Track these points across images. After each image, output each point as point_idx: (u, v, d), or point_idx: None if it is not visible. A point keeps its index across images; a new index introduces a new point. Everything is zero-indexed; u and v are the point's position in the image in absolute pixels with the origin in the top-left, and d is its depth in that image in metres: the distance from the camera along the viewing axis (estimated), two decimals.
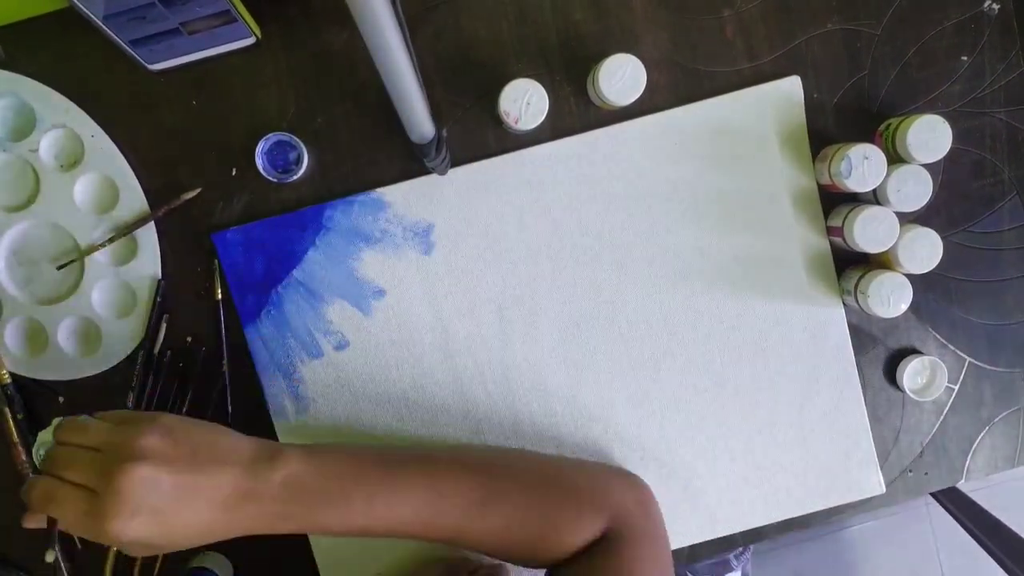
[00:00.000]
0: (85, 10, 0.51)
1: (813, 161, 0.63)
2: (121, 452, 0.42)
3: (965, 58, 0.63)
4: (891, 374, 0.65)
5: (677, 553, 0.66)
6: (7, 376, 0.62)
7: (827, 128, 0.63)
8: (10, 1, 0.58)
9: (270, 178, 0.60)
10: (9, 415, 0.62)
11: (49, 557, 0.43)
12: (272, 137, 0.60)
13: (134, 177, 0.61)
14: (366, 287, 0.63)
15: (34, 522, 0.44)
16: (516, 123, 0.59)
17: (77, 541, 0.64)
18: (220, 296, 0.62)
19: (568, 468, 0.55)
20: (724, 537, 0.66)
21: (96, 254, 0.61)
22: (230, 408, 0.63)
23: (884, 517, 1.54)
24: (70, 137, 0.61)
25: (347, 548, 0.65)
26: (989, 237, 0.64)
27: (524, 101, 0.58)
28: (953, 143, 0.57)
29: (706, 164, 0.62)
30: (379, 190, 0.62)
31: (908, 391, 0.64)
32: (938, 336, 0.65)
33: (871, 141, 0.60)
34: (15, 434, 0.62)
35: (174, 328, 0.63)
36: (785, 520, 0.66)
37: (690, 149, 0.62)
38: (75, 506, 0.41)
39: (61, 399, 0.64)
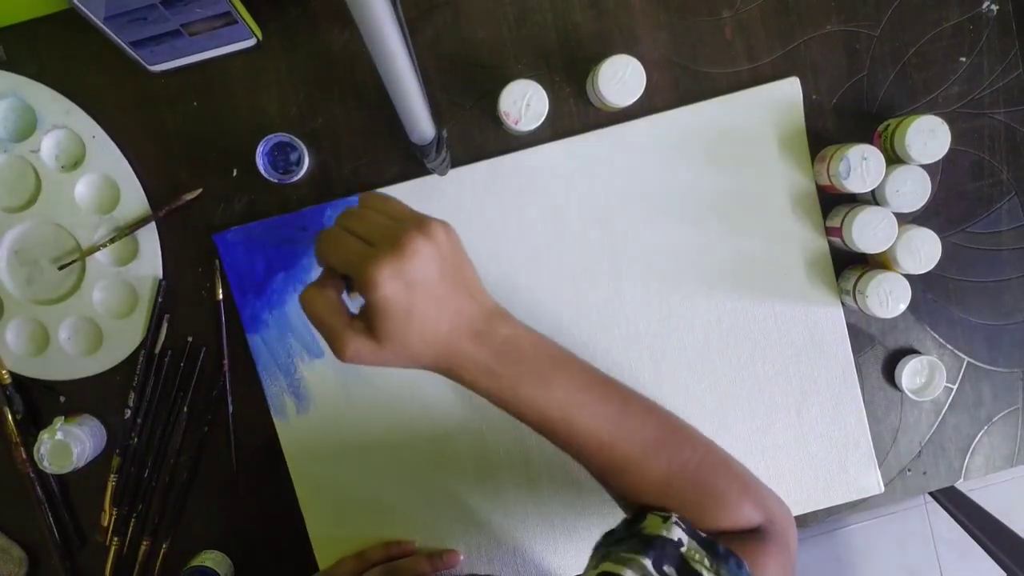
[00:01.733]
0: (86, 11, 0.51)
1: (812, 162, 0.63)
2: (415, 222, 0.43)
3: (964, 59, 0.63)
4: (890, 374, 0.65)
5: None
6: (7, 376, 0.62)
7: (826, 129, 0.63)
8: (11, 2, 0.58)
9: (271, 179, 0.60)
10: (9, 415, 0.62)
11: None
12: (273, 138, 0.60)
13: (135, 178, 0.61)
14: None
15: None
16: (516, 124, 0.59)
17: (64, 533, 0.65)
18: (221, 296, 0.62)
19: (734, 462, 0.54)
20: None
21: (97, 254, 0.61)
22: (230, 408, 0.64)
23: (883, 516, 1.54)
24: (71, 138, 0.61)
25: (347, 550, 0.65)
26: (988, 237, 0.65)
27: (524, 102, 0.58)
28: (952, 144, 0.57)
29: (705, 165, 0.63)
30: (379, 190, 0.62)
31: (907, 391, 0.64)
32: (937, 336, 0.65)
33: (870, 142, 0.60)
34: (15, 433, 0.62)
35: (175, 328, 0.63)
36: None
37: (689, 150, 0.62)
38: (355, 249, 0.42)
39: (62, 399, 0.64)
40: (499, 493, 0.65)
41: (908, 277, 0.59)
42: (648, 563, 0.42)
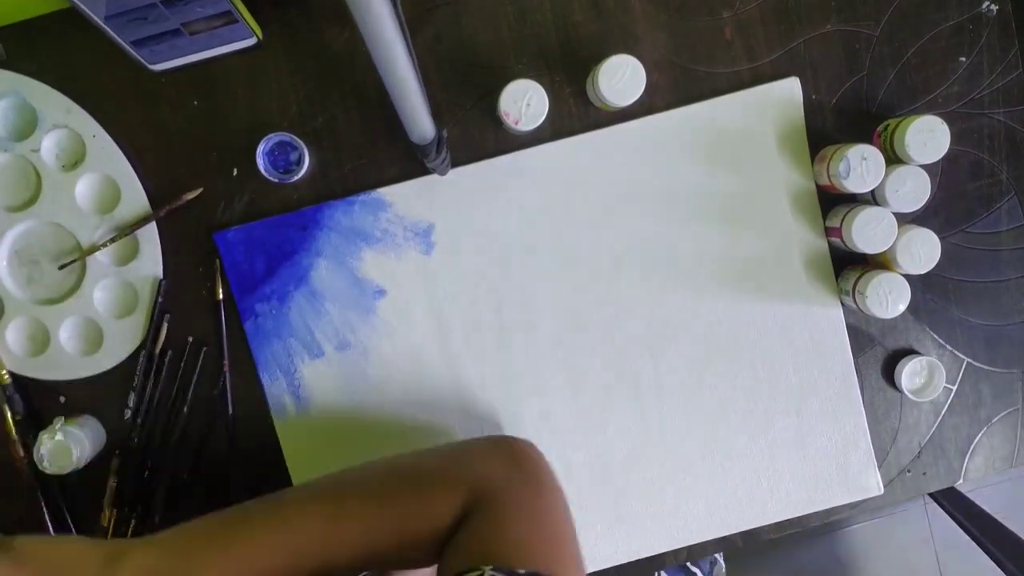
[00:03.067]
0: (86, 10, 0.51)
1: (812, 162, 0.63)
2: None
3: (963, 59, 0.63)
4: (889, 374, 0.65)
5: (676, 553, 0.66)
6: (7, 376, 0.62)
7: (826, 129, 0.63)
8: (11, 1, 0.58)
9: (271, 178, 0.60)
10: (8, 415, 0.62)
11: None
12: (273, 137, 0.60)
13: (135, 177, 0.61)
14: (367, 287, 0.63)
15: None
16: (516, 124, 0.59)
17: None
18: (221, 296, 0.62)
19: (428, 456, 0.54)
20: (722, 537, 0.66)
21: (97, 254, 0.61)
22: (231, 408, 0.64)
23: (882, 517, 1.54)
24: (71, 137, 0.61)
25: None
26: (987, 238, 0.65)
27: (524, 102, 0.58)
28: (951, 144, 0.57)
29: (705, 165, 0.63)
30: (379, 190, 0.62)
31: (906, 391, 0.64)
32: (936, 336, 0.65)
33: (870, 142, 0.60)
34: (13, 433, 0.62)
35: (175, 328, 0.63)
36: (783, 520, 0.66)
37: (689, 150, 0.63)
38: None
39: (62, 399, 0.64)
40: None
41: (908, 277, 0.59)
42: None
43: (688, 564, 0.99)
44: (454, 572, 0.44)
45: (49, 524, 0.64)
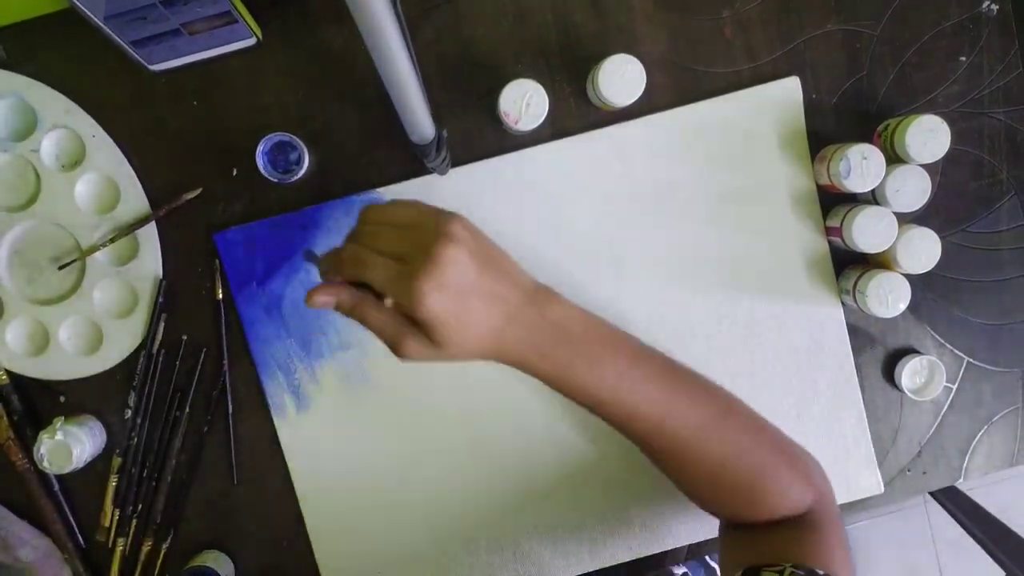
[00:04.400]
0: (86, 10, 0.51)
1: (812, 161, 0.63)
2: (437, 229, 0.42)
3: (964, 59, 0.63)
4: (889, 374, 0.65)
5: (675, 552, 0.66)
6: (5, 377, 0.62)
7: (826, 128, 0.63)
8: (11, 1, 0.58)
9: (271, 178, 0.60)
10: (5, 415, 0.62)
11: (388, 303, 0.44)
12: (273, 137, 0.60)
13: (135, 177, 0.61)
14: None
15: (324, 295, 0.44)
16: (516, 123, 0.59)
17: (79, 538, 0.65)
18: (221, 295, 0.62)
19: (782, 437, 0.54)
20: None
21: (97, 254, 0.61)
22: (230, 408, 0.64)
23: (882, 516, 1.54)
24: (71, 137, 0.61)
25: (348, 555, 0.65)
26: (987, 237, 0.65)
27: (524, 101, 0.58)
28: (951, 143, 0.57)
29: (705, 164, 0.63)
30: (379, 190, 0.62)
31: (906, 391, 0.64)
32: (936, 336, 0.65)
33: (870, 141, 0.60)
34: (11, 434, 0.62)
35: (175, 328, 0.63)
36: None
37: (689, 150, 0.62)
38: (387, 268, 0.42)
39: (62, 399, 0.64)
40: (500, 490, 0.65)
41: (908, 277, 0.59)
42: None
43: (707, 558, 0.99)
44: (749, 564, 0.47)
45: (50, 524, 0.64)
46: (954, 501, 1.22)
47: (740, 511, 0.52)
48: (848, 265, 0.64)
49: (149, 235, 0.62)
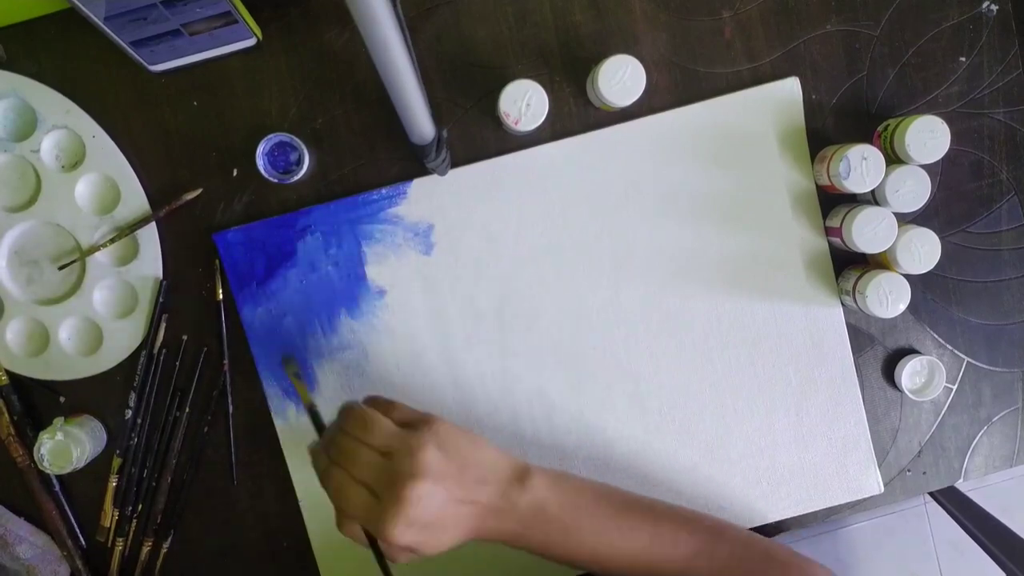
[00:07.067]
0: (86, 11, 0.51)
1: (812, 162, 0.63)
2: (406, 465, 0.45)
3: (963, 59, 0.63)
4: (889, 374, 0.65)
5: None
6: (4, 377, 0.62)
7: (826, 129, 0.63)
8: (11, 2, 0.58)
9: (271, 178, 0.60)
10: (6, 415, 0.62)
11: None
12: (273, 138, 0.60)
13: (135, 177, 0.61)
14: (366, 287, 0.63)
15: (351, 530, 0.47)
16: (516, 124, 0.59)
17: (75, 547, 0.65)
18: (221, 296, 0.62)
19: (775, 545, 0.56)
20: None
21: (97, 254, 0.61)
22: (230, 408, 0.64)
23: (882, 517, 1.54)
24: (71, 138, 0.61)
25: (348, 555, 0.65)
26: (987, 237, 0.65)
27: (524, 102, 0.58)
28: (951, 144, 0.57)
29: (705, 165, 0.63)
30: (380, 190, 0.62)
31: (906, 391, 0.64)
32: (936, 336, 0.65)
33: (870, 142, 0.60)
34: (12, 430, 0.62)
35: (175, 328, 0.63)
36: (783, 520, 0.66)
37: (689, 150, 0.62)
38: (363, 504, 0.45)
39: (62, 399, 0.64)
40: None
41: (908, 277, 0.59)
42: None
43: None
44: None
45: (50, 525, 0.64)
46: (954, 502, 1.22)
47: None
48: (848, 265, 0.64)
49: (149, 235, 0.62)
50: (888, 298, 0.59)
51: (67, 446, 0.59)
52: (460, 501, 0.46)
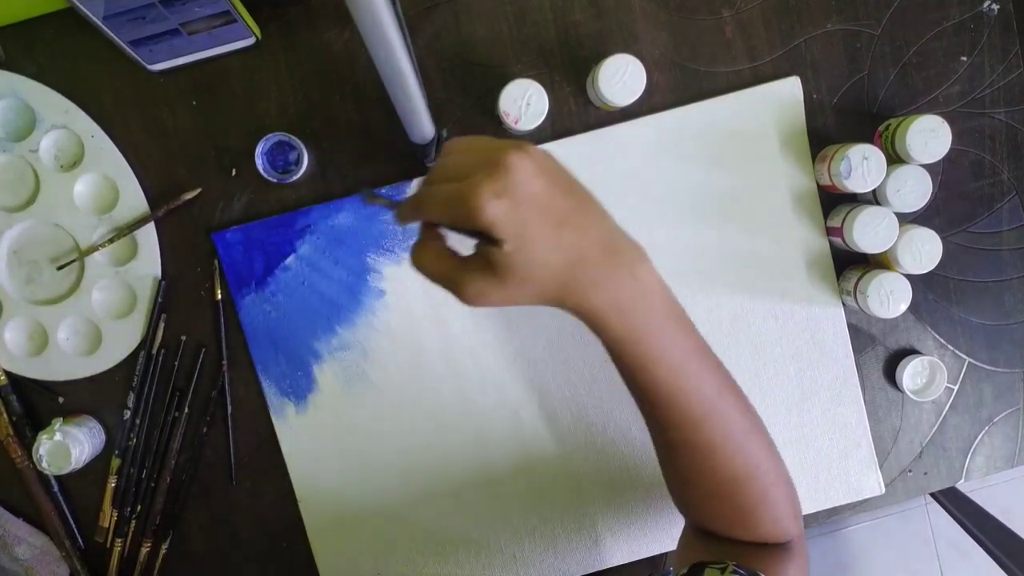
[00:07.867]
0: (85, 11, 0.51)
1: (813, 161, 0.63)
2: (507, 144, 0.38)
3: (964, 58, 0.63)
4: (890, 374, 0.65)
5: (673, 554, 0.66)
6: (3, 378, 0.62)
7: (827, 128, 0.63)
8: (10, 1, 0.58)
9: (270, 178, 0.60)
10: (4, 415, 0.62)
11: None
12: (272, 137, 0.60)
13: (134, 177, 0.61)
14: (366, 287, 0.63)
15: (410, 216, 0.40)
16: (516, 123, 0.59)
17: (77, 539, 0.65)
18: (220, 296, 0.62)
19: (786, 469, 0.53)
20: None
21: (96, 254, 0.61)
22: (230, 408, 0.63)
23: (883, 517, 1.54)
24: (70, 137, 0.61)
25: (347, 555, 0.65)
26: (988, 237, 0.64)
27: (524, 101, 0.58)
28: (952, 143, 0.57)
29: (706, 164, 0.62)
30: (379, 190, 0.62)
31: (907, 391, 0.64)
32: (937, 336, 0.65)
33: (871, 141, 0.60)
34: (11, 431, 0.62)
35: (174, 328, 0.63)
36: None
37: (690, 149, 0.62)
38: (448, 188, 0.37)
39: (61, 399, 0.64)
40: (500, 491, 0.65)
41: (909, 277, 0.59)
42: None
43: None
44: (697, 559, 0.47)
45: (49, 525, 0.63)
46: (955, 502, 1.22)
47: (732, 529, 0.50)
48: (849, 265, 0.64)
49: (148, 235, 0.61)
50: (889, 298, 0.58)
51: (66, 447, 0.59)
52: (561, 212, 0.38)
